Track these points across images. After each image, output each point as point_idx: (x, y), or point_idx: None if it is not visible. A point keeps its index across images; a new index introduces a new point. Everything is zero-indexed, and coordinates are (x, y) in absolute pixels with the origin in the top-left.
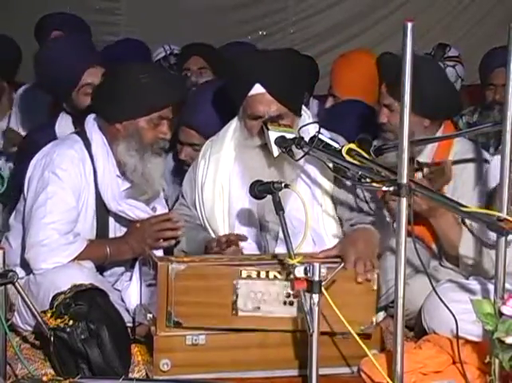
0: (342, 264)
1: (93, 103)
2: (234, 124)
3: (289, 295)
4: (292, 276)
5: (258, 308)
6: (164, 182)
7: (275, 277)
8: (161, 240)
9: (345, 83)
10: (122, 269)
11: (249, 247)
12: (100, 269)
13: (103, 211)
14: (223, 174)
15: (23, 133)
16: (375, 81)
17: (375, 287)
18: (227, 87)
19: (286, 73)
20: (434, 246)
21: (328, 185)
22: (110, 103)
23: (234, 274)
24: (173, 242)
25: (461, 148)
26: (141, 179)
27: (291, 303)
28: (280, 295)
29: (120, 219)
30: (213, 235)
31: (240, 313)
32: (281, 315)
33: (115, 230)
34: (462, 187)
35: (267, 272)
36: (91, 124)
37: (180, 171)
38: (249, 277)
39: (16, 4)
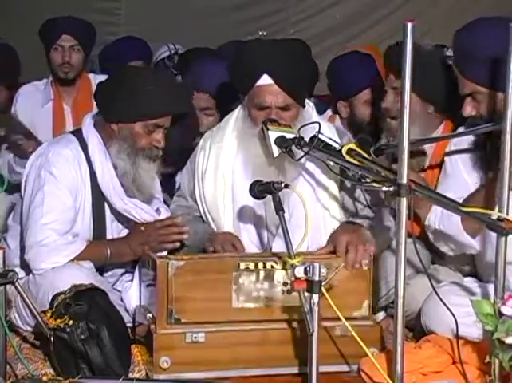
0: (342, 264)
1: (96, 99)
2: (235, 114)
3: (286, 284)
4: (289, 265)
5: (258, 299)
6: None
7: (272, 267)
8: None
9: None
10: (122, 269)
11: (249, 244)
12: (100, 269)
13: (100, 211)
14: (225, 163)
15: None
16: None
17: (366, 271)
18: (233, 75)
19: (293, 63)
20: None
21: (333, 185)
22: (110, 101)
23: (232, 266)
24: (178, 245)
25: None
26: (132, 183)
27: (289, 292)
28: (278, 284)
29: (117, 217)
30: (213, 226)
31: (240, 305)
32: (281, 304)
33: (112, 230)
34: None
35: (264, 263)
36: (87, 123)
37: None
38: (247, 268)
39: (15, 4)
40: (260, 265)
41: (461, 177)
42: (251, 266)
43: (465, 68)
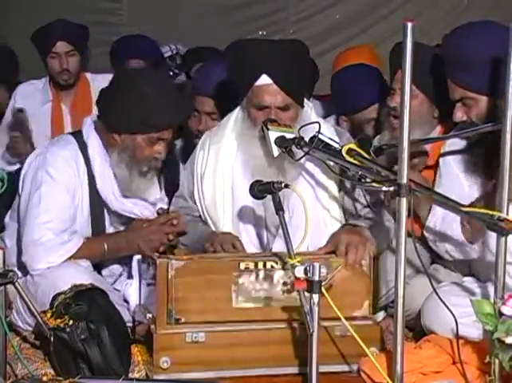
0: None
1: (98, 106)
2: (234, 114)
3: (286, 283)
4: (289, 265)
5: (258, 298)
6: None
7: (272, 267)
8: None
9: None
10: (120, 269)
11: (249, 245)
12: (98, 268)
13: (97, 210)
14: (224, 163)
15: None
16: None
17: (367, 271)
18: (232, 75)
19: (292, 63)
20: None
21: (332, 185)
22: (113, 112)
23: (232, 267)
24: (176, 240)
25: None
26: (128, 190)
27: (289, 291)
28: (278, 284)
29: (115, 217)
30: (212, 227)
31: (240, 306)
32: (281, 304)
33: (111, 228)
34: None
35: (264, 263)
36: (88, 125)
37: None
38: (247, 269)
39: (16, 3)
40: (260, 265)
41: (455, 178)
42: (251, 266)
43: (454, 73)
